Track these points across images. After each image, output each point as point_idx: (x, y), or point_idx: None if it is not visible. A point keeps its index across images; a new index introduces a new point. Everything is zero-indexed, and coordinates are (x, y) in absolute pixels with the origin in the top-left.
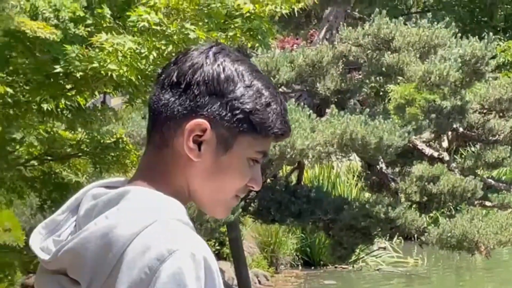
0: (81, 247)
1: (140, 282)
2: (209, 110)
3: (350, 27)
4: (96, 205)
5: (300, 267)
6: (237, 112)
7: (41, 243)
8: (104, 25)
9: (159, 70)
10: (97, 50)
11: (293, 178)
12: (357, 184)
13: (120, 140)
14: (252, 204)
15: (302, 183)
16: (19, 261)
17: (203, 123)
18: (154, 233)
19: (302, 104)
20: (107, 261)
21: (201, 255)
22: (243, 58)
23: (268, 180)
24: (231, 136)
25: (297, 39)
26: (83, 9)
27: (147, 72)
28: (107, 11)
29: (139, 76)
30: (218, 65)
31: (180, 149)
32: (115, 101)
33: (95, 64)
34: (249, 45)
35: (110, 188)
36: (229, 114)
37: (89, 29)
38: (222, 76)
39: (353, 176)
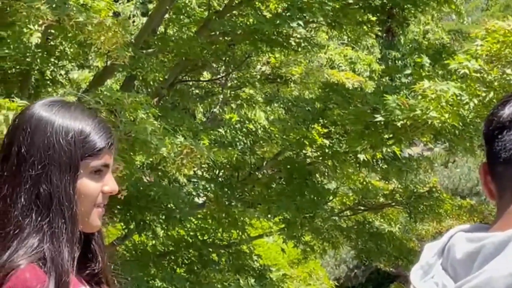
0: (486, 285)
1: None
2: None
3: None
4: (483, 247)
5: None
6: None
7: (420, 283)
8: (423, 74)
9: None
10: (419, 97)
11: None
12: None
13: (434, 189)
14: None
15: None
16: None
17: None
18: None
19: None
20: None
21: None
22: None
23: None
24: None
25: None
26: (378, 60)
27: (468, 119)
28: (426, 60)
29: (460, 123)
30: None
31: None
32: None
33: (417, 112)
34: None
35: (471, 233)
36: None
37: (408, 79)
38: None
39: None
